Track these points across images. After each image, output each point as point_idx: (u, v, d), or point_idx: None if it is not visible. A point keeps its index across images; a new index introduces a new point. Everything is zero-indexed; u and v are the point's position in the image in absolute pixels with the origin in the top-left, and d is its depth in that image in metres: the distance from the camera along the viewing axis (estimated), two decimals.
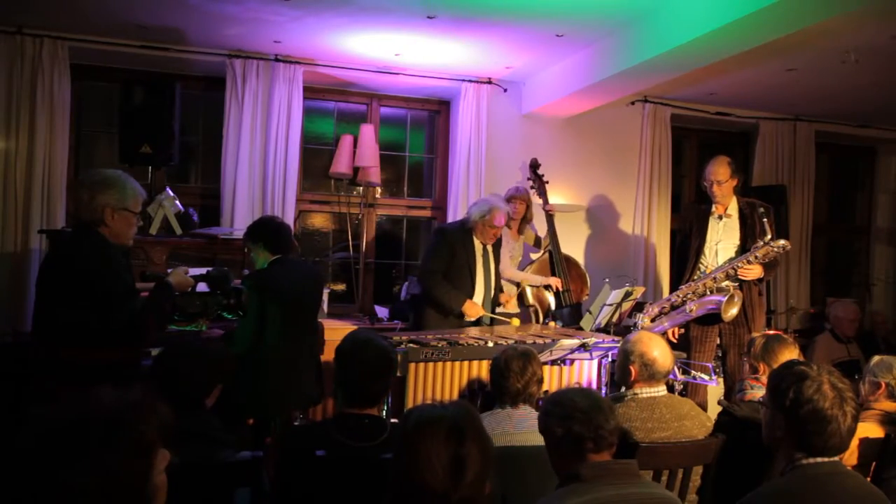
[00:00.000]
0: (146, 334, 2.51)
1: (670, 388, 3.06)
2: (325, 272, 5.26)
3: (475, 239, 4.05)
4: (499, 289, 4.25)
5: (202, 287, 2.84)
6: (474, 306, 3.98)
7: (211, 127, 4.99)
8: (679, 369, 3.35)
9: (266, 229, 3.28)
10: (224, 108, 4.76)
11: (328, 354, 3.43)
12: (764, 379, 2.66)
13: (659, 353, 2.43)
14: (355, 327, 4.44)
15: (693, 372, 3.43)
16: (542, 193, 4.79)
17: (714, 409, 3.30)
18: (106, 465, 1.02)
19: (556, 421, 1.76)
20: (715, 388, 3.89)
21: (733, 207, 3.92)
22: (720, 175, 3.86)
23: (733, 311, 3.72)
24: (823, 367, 1.73)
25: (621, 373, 2.49)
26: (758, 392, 2.64)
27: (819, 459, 1.66)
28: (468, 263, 4.01)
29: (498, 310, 4.20)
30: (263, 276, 3.21)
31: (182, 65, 4.78)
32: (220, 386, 2.19)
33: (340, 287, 5.40)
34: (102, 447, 1.03)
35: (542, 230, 4.88)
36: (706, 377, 3.43)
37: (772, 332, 3.04)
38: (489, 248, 4.13)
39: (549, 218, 4.75)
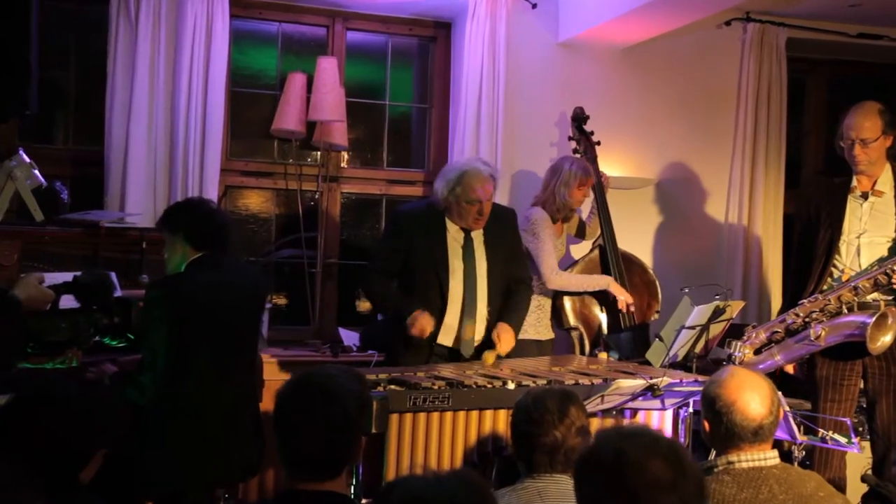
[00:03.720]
0: None
1: (786, 456, 3.07)
2: (267, 279, 5.24)
3: (451, 225, 3.99)
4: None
5: (69, 302, 2.84)
6: (422, 317, 3.81)
7: (89, 58, 5.00)
8: (799, 427, 3.35)
9: (192, 214, 3.35)
10: (108, 28, 4.73)
11: (268, 401, 3.44)
12: None
13: (761, 396, 2.45)
14: (311, 361, 4.47)
15: (822, 431, 3.42)
16: (592, 160, 4.82)
17: (856, 489, 3.29)
18: None
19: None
20: (858, 457, 3.90)
21: (887, 181, 3.94)
22: (865, 130, 3.85)
23: (886, 340, 3.72)
24: None
25: (708, 430, 2.50)
26: None
27: None
28: (435, 262, 3.93)
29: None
30: (177, 282, 3.24)
31: None
32: (102, 451, 2.22)
33: (286, 301, 5.38)
34: None
35: (584, 211, 4.94)
36: (843, 439, 3.43)
37: None
38: (476, 238, 4.02)
39: (600, 191, 4.78)
